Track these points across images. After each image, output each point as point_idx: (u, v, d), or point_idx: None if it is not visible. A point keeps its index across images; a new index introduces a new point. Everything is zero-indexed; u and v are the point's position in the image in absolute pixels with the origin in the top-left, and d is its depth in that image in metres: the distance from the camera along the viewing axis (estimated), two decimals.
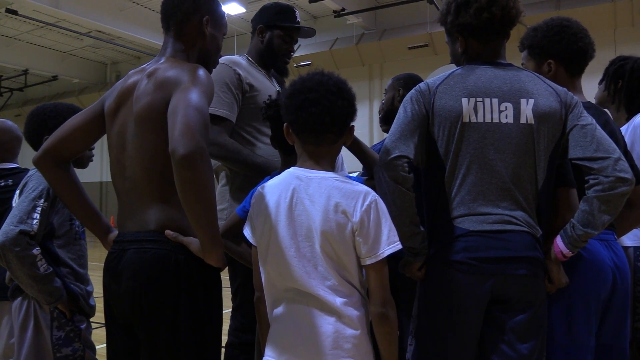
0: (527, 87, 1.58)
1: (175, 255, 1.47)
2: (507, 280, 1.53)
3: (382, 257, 1.38)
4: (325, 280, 1.40)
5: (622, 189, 1.48)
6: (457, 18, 1.64)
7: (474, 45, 1.67)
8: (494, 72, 1.60)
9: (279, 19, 2.35)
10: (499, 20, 1.60)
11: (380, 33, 13.82)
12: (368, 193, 1.41)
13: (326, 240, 1.39)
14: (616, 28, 11.13)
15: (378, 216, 1.39)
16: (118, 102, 1.62)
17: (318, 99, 1.42)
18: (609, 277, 1.72)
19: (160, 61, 1.62)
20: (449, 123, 1.56)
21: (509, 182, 1.55)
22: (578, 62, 1.91)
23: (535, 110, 1.55)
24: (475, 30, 1.63)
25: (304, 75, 1.49)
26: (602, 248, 1.74)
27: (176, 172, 1.31)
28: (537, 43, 1.92)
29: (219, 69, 2.18)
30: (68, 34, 14.37)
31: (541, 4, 11.50)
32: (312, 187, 1.44)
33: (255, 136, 2.20)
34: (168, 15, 1.68)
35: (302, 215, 1.43)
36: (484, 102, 1.55)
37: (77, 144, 1.68)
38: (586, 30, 1.91)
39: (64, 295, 1.96)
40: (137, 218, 1.53)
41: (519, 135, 1.54)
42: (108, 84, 17.95)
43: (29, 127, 2.20)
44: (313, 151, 1.48)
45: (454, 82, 1.58)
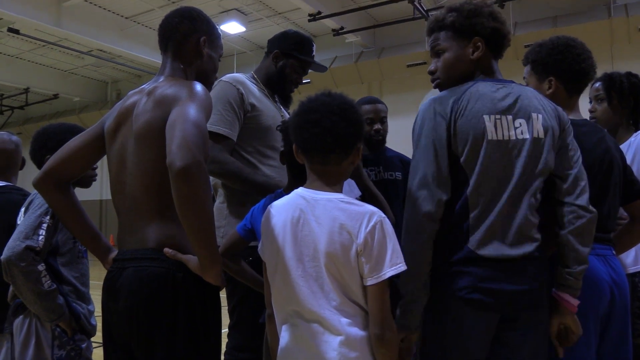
0: (534, 103, 1.61)
1: (173, 273, 1.46)
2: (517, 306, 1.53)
3: (383, 278, 1.37)
4: (330, 300, 1.40)
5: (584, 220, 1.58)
6: (489, 22, 1.66)
7: (488, 56, 1.68)
8: (505, 89, 1.61)
9: (297, 50, 2.37)
10: (509, 42, 1.72)
11: (379, 51, 13.92)
12: (373, 214, 1.41)
13: (331, 261, 1.40)
14: (613, 44, 11.21)
15: (383, 237, 1.39)
16: (118, 122, 1.63)
17: (319, 120, 1.43)
18: (606, 293, 1.72)
19: (159, 80, 1.65)
20: (474, 141, 1.54)
21: (528, 196, 1.56)
22: (578, 82, 1.93)
23: (544, 125, 1.58)
24: (498, 39, 1.68)
25: (312, 96, 1.51)
26: (599, 263, 1.74)
27: (173, 185, 1.31)
28: (541, 59, 1.94)
29: (222, 87, 2.19)
30: (69, 52, 14.47)
31: (539, 22, 11.61)
32: (318, 208, 1.44)
33: (255, 157, 2.20)
34: (166, 36, 1.71)
35: (309, 236, 1.43)
36: (501, 119, 1.56)
37: (77, 166, 1.69)
38: (590, 52, 1.93)
39: (66, 313, 1.96)
40: (136, 236, 1.53)
41: (535, 149, 1.57)
42: (109, 102, 18.01)
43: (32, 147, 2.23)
44: (320, 171, 1.49)
45: (474, 99, 1.57)
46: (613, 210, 1.87)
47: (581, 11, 11.38)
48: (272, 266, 1.51)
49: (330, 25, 12.31)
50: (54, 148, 1.98)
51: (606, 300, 1.73)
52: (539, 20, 11.69)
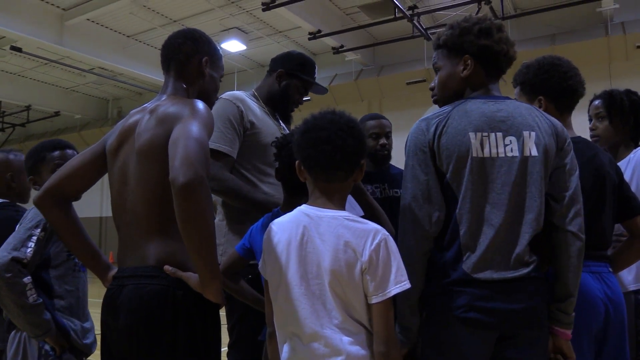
0: (528, 121, 1.58)
1: (174, 290, 1.46)
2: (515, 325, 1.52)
3: (388, 296, 1.37)
4: (333, 318, 1.40)
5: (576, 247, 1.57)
6: (478, 39, 1.65)
7: (479, 75, 1.67)
8: (496, 106, 1.60)
9: (301, 71, 2.40)
10: (509, 57, 1.68)
11: (378, 69, 14.02)
12: (378, 232, 1.41)
13: (335, 278, 1.39)
14: (611, 62, 11.30)
15: (387, 255, 1.39)
16: (120, 140, 1.64)
17: (329, 137, 1.44)
18: (600, 310, 1.71)
19: (161, 99, 1.67)
20: (458, 158, 1.54)
21: (516, 216, 1.54)
22: (568, 99, 1.95)
23: (537, 143, 1.56)
24: (491, 55, 1.65)
25: (316, 114, 1.52)
26: (593, 280, 1.74)
27: (176, 200, 1.32)
28: (529, 80, 1.97)
29: (222, 104, 2.21)
30: (71, 70, 14.58)
31: (537, 40, 11.71)
32: (322, 226, 1.44)
33: (254, 174, 2.21)
34: (169, 56, 1.74)
35: (313, 254, 1.43)
36: (489, 136, 1.55)
37: (78, 184, 1.70)
38: (577, 69, 1.95)
39: (52, 329, 1.92)
40: (137, 253, 1.54)
41: (525, 167, 1.55)
42: (109, 119, 18.09)
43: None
44: (324, 188, 1.49)
45: (459, 116, 1.58)
46: (608, 227, 1.87)
47: (579, 29, 11.49)
48: (274, 284, 1.50)
49: (330, 43, 12.42)
50: (32, 166, 2.09)
51: (600, 317, 1.72)
52: (537, 38, 11.79)
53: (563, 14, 11.08)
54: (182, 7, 11.70)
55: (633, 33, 10.88)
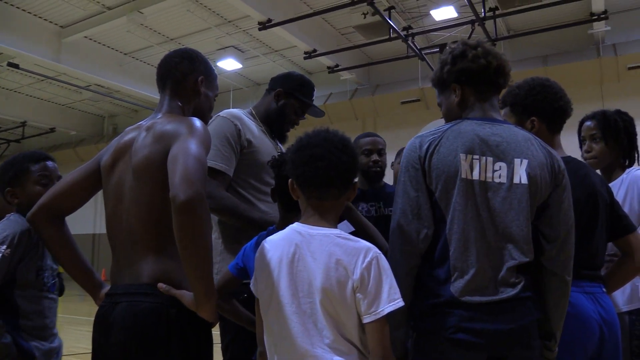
0: (521, 148, 1.57)
1: (167, 309, 1.45)
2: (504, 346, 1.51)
3: (381, 314, 1.36)
4: (324, 337, 1.38)
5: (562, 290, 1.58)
6: (454, 66, 1.68)
7: (470, 96, 1.68)
8: (492, 129, 1.59)
9: (300, 92, 2.41)
10: (494, 68, 1.66)
11: (373, 88, 14.13)
12: (369, 250, 1.41)
13: (327, 297, 1.39)
14: (603, 83, 11.44)
15: (379, 273, 1.38)
16: (115, 157, 1.65)
17: (324, 154, 1.45)
18: (594, 331, 1.70)
19: (157, 117, 1.68)
20: (447, 178, 1.54)
21: (501, 242, 1.53)
22: (559, 120, 1.97)
23: (528, 172, 1.54)
24: (473, 75, 1.65)
25: (309, 132, 1.53)
26: (587, 301, 1.73)
27: (175, 217, 1.32)
28: (521, 101, 1.98)
29: (220, 122, 2.21)
30: (67, 87, 14.62)
31: (529, 61, 11.86)
32: (314, 243, 1.44)
33: (250, 192, 2.21)
34: (165, 74, 1.76)
35: (304, 272, 1.43)
36: (480, 160, 1.54)
37: (73, 200, 1.69)
38: (564, 91, 1.98)
39: (12, 352, 1.81)
40: (131, 270, 1.53)
41: (511, 195, 1.53)
42: (105, 136, 18.10)
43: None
44: (317, 206, 1.50)
45: (452, 136, 1.57)
46: (601, 247, 1.87)
47: (571, 50, 11.64)
48: (265, 302, 1.49)
49: (326, 62, 12.53)
50: (12, 178, 2.04)
51: (595, 338, 1.72)
52: (529, 59, 11.93)
53: (555, 35, 11.26)
54: (179, 25, 11.80)
55: (624, 55, 11.04)
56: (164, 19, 11.45)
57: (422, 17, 11.06)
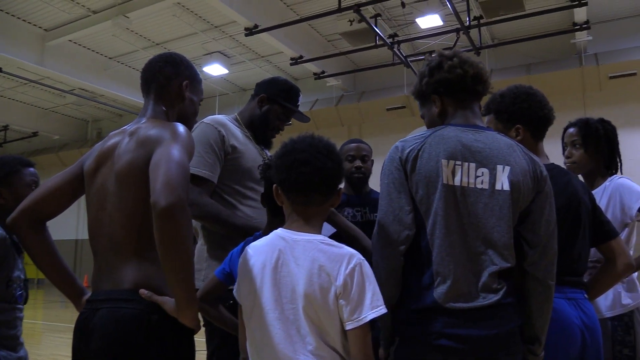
0: (504, 155, 1.58)
1: (148, 315, 1.44)
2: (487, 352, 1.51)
3: (364, 321, 1.35)
4: (307, 344, 1.37)
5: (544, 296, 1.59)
6: (432, 77, 1.70)
7: (450, 105, 1.69)
8: (475, 136, 1.60)
9: (283, 97, 2.39)
10: (471, 77, 1.67)
11: (359, 95, 14.19)
12: (353, 256, 1.40)
13: (309, 303, 1.38)
14: (585, 92, 11.61)
15: (362, 280, 1.38)
16: (98, 162, 1.63)
17: (309, 160, 1.45)
18: (577, 336, 1.72)
19: (141, 122, 1.66)
20: (428, 183, 1.54)
21: (482, 248, 1.53)
22: (543, 127, 1.99)
23: (510, 179, 1.55)
24: (450, 85, 1.67)
25: (294, 137, 1.53)
26: (569, 307, 1.75)
27: (156, 223, 1.31)
28: (505, 109, 1.99)
29: (204, 129, 2.20)
30: (51, 91, 14.47)
31: (513, 69, 12.01)
32: (297, 249, 1.43)
33: (235, 198, 2.20)
34: (149, 79, 1.75)
35: (287, 277, 1.42)
36: (462, 165, 1.55)
37: (54, 205, 1.67)
38: (547, 99, 2.01)
39: None
40: (112, 276, 1.51)
41: (492, 201, 1.54)
42: (89, 140, 17.93)
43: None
44: (301, 211, 1.49)
45: (435, 142, 1.58)
46: (583, 253, 1.89)
47: (554, 59, 11.82)
48: (248, 308, 1.48)
49: (312, 69, 12.57)
50: (2, 177, 2.04)
51: (577, 344, 1.73)
52: (513, 67, 12.09)
53: (539, 44, 11.42)
54: (165, 30, 11.76)
55: (606, 64, 11.22)
56: (150, 24, 11.40)
57: (407, 25, 11.15)
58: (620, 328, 2.29)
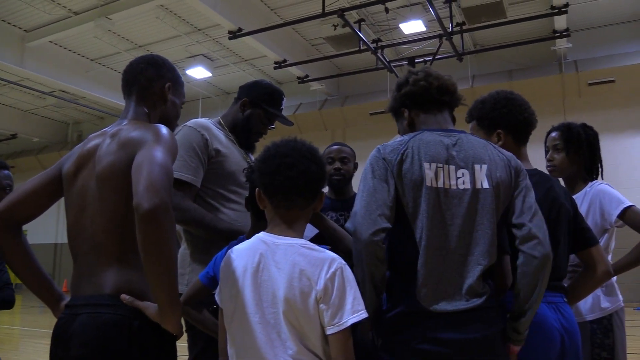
0: (479, 154, 1.63)
1: (130, 320, 1.41)
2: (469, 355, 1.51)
3: (345, 326, 1.35)
4: (287, 349, 1.37)
5: (535, 263, 1.57)
6: (399, 92, 1.80)
7: (418, 116, 1.76)
8: (450, 139, 1.64)
9: (265, 102, 2.38)
10: (436, 88, 1.74)
11: (342, 99, 14.23)
12: (334, 260, 1.40)
13: (290, 307, 1.37)
14: (565, 98, 11.79)
15: (343, 284, 1.37)
16: (78, 165, 1.60)
17: (293, 163, 1.45)
18: (556, 340, 1.74)
19: (122, 124, 1.64)
20: (414, 187, 1.56)
21: (466, 248, 1.55)
22: (525, 131, 2.02)
23: (488, 176, 1.59)
24: (416, 97, 1.76)
25: (277, 141, 1.53)
26: (549, 311, 1.77)
27: (139, 226, 1.29)
28: (486, 115, 2.02)
29: (187, 132, 2.18)
30: (31, 92, 14.27)
31: (495, 75, 12.16)
32: (278, 253, 1.43)
33: (219, 201, 2.18)
34: (131, 81, 1.73)
35: (268, 282, 1.41)
36: (443, 168, 1.58)
37: (31, 208, 1.63)
38: (528, 103, 2.04)
39: None
40: (93, 280, 1.48)
41: (476, 200, 1.57)
42: (69, 143, 17.69)
43: None
44: (284, 215, 1.49)
45: (416, 145, 1.61)
46: (563, 258, 1.91)
47: (535, 66, 11.99)
48: (229, 312, 1.47)
49: (296, 73, 12.58)
50: None
51: (556, 347, 1.75)
52: (495, 73, 12.24)
53: (520, 51, 11.59)
54: (148, 32, 11.68)
55: (585, 71, 11.43)
56: (132, 26, 11.31)
57: (391, 30, 11.23)
58: (600, 331, 2.32)
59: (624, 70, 11.07)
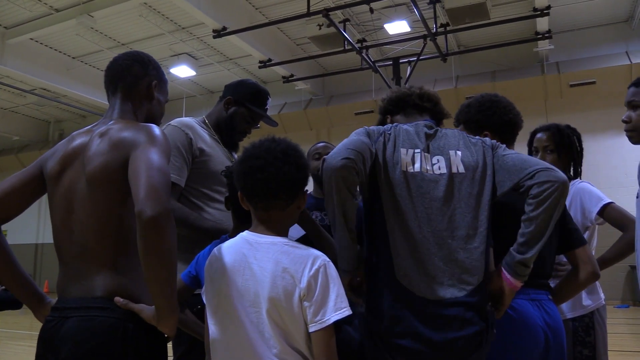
0: (453, 142, 1.70)
1: (124, 323, 1.39)
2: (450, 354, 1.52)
3: (327, 323, 1.35)
4: (271, 347, 1.37)
5: (555, 186, 1.55)
6: (383, 101, 1.98)
7: (400, 119, 1.87)
8: (424, 130, 1.73)
9: (250, 100, 2.37)
10: (417, 95, 1.88)
11: (327, 99, 14.22)
12: (317, 257, 1.40)
13: (273, 306, 1.37)
14: (547, 99, 11.93)
15: (326, 281, 1.37)
16: (63, 164, 1.56)
17: (264, 166, 1.44)
18: (540, 338, 1.76)
19: (109, 122, 1.60)
20: (390, 171, 1.61)
21: (446, 231, 1.57)
22: (511, 132, 2.04)
23: (464, 161, 1.65)
24: (397, 102, 1.90)
25: (255, 142, 1.52)
26: (532, 308, 1.79)
27: (142, 232, 1.27)
28: (472, 117, 2.05)
29: (171, 132, 2.17)
30: (10, 90, 14.01)
31: (479, 76, 12.25)
32: (261, 252, 1.43)
33: (203, 201, 2.18)
34: (116, 77, 1.69)
35: (250, 281, 1.41)
36: (421, 154, 1.65)
37: (10, 208, 1.58)
38: (513, 104, 2.07)
39: None
40: (83, 283, 1.45)
41: (452, 184, 1.62)
42: (50, 142, 17.43)
43: None
44: (264, 216, 1.49)
45: (397, 133, 1.69)
46: (549, 258, 1.93)
47: (517, 67, 12.10)
48: (212, 311, 1.47)
49: (281, 72, 12.54)
50: None
51: (540, 345, 1.76)
52: (479, 74, 12.34)
53: (503, 52, 11.69)
54: (131, 30, 11.55)
55: (566, 73, 11.57)
56: (115, 24, 11.17)
57: (376, 31, 11.25)
58: (581, 329, 2.35)
59: (604, 72, 11.23)
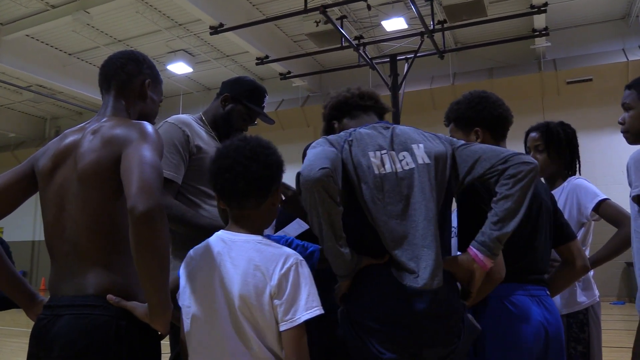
0: (413, 137, 1.71)
1: (117, 321, 1.39)
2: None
3: (298, 322, 1.34)
4: (244, 346, 1.36)
5: (530, 168, 1.58)
6: (326, 108, 1.98)
7: (349, 123, 1.88)
8: (385, 131, 1.73)
9: (247, 98, 2.36)
10: (357, 95, 1.91)
11: (324, 95, 14.18)
12: (290, 256, 1.40)
13: (244, 303, 1.36)
14: (544, 96, 11.95)
15: (297, 280, 1.36)
16: (55, 161, 1.55)
17: (231, 165, 1.44)
18: (540, 333, 1.76)
19: (102, 120, 1.60)
20: (363, 175, 1.59)
21: (424, 222, 1.57)
22: (501, 127, 2.05)
23: (427, 152, 1.66)
24: (341, 106, 1.93)
25: (227, 141, 1.52)
26: (532, 304, 1.80)
27: (134, 228, 1.27)
28: (462, 114, 2.05)
29: (168, 129, 2.16)
30: (6, 87, 13.97)
31: (476, 73, 12.26)
32: (234, 250, 1.43)
33: (200, 198, 2.17)
34: (110, 75, 1.69)
35: (225, 278, 1.40)
36: (388, 154, 1.65)
37: (3, 206, 1.58)
38: (502, 100, 2.08)
39: None
40: (75, 281, 1.45)
41: (425, 175, 1.62)
42: (47, 139, 17.38)
43: None
44: (237, 215, 1.49)
45: (358, 138, 1.67)
46: (545, 253, 1.95)
47: (515, 64, 12.12)
48: (187, 310, 1.46)
49: (278, 69, 12.52)
50: None
51: (540, 341, 1.77)
52: (476, 71, 12.35)
53: (500, 49, 11.68)
54: (128, 27, 11.52)
55: (563, 70, 11.59)
56: (111, 20, 11.14)
57: (373, 28, 11.24)
58: (576, 325, 2.36)
59: (600, 69, 11.26)
